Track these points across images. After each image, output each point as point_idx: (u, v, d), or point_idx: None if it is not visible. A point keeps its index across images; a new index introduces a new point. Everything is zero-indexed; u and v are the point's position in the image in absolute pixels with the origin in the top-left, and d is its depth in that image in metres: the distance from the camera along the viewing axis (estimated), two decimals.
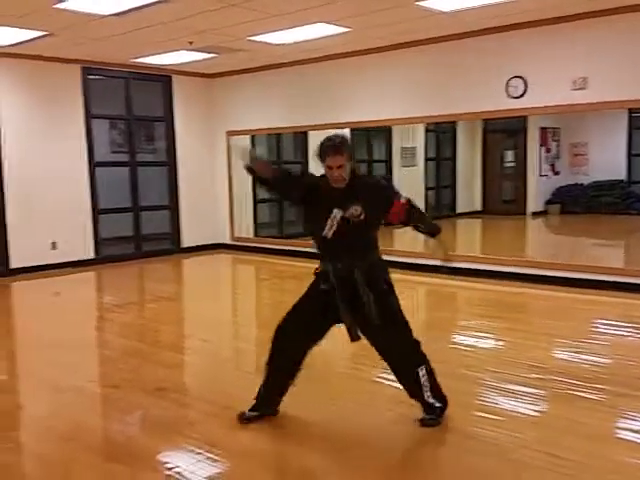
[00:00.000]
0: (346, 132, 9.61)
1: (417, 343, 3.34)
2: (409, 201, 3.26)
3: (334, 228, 3.15)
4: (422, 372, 3.29)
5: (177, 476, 2.86)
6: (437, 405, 3.35)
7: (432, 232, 3.36)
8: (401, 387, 3.44)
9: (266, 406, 3.47)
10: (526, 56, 6.88)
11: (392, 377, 3.58)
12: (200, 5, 5.90)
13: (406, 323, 3.30)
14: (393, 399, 3.65)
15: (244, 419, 3.43)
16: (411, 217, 3.28)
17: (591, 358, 4.43)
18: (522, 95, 6.92)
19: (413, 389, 3.35)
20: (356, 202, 3.13)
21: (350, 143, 3.27)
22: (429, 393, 3.31)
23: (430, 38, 7.45)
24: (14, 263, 8.19)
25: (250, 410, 3.46)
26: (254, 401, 3.46)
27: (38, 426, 3.57)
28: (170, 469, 2.94)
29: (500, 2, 6.00)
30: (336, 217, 3.14)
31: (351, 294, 3.19)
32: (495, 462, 2.95)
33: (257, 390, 3.46)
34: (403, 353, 3.32)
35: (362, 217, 3.13)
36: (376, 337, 3.28)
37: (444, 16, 6.48)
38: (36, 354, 4.98)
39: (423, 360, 3.32)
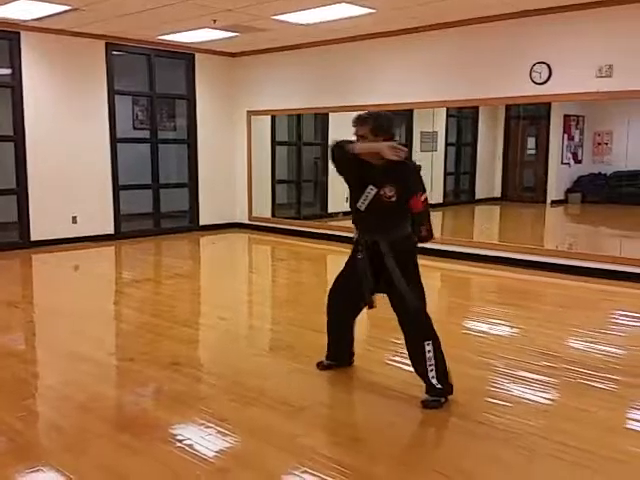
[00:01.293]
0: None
1: (428, 318, 3.42)
2: (425, 203, 3.37)
3: (367, 202, 3.36)
4: (428, 347, 3.36)
5: (188, 449, 2.91)
6: (438, 387, 3.37)
7: (422, 239, 3.46)
8: (412, 370, 3.48)
9: (338, 358, 3.88)
10: (551, 42, 6.77)
11: (403, 360, 3.60)
12: None
13: (422, 296, 3.42)
14: (402, 382, 3.68)
15: (322, 366, 3.87)
16: (417, 218, 3.41)
17: (605, 348, 4.41)
18: (546, 81, 6.83)
19: (418, 363, 3.42)
20: (391, 183, 3.29)
21: (384, 121, 3.36)
22: (433, 373, 3.36)
23: (454, 21, 7.37)
24: (35, 235, 8.31)
25: (326, 358, 3.89)
26: (327, 351, 3.89)
27: (53, 395, 3.64)
28: (181, 441, 2.99)
29: None
30: (370, 193, 3.33)
31: (376, 263, 3.39)
32: (503, 448, 2.97)
33: (328, 344, 3.89)
34: (413, 322, 3.42)
35: (393, 199, 3.31)
36: (396, 303, 3.43)
37: None
38: (54, 325, 5.07)
39: (431, 336, 3.39)
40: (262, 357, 4.33)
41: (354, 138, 3.37)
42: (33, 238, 8.30)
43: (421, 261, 3.49)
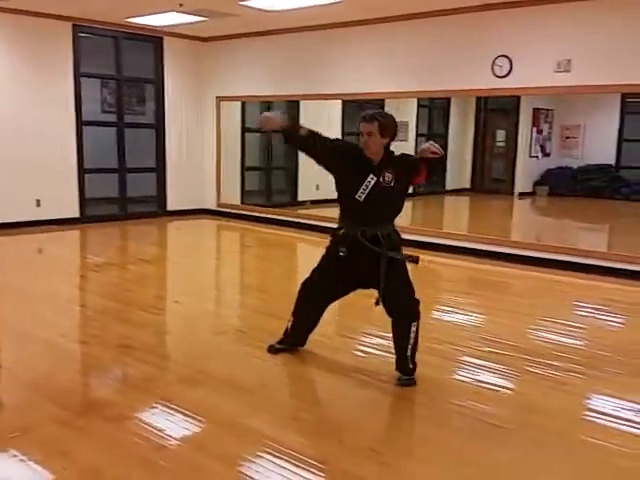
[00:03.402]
0: (337, 104, 9.63)
1: (417, 302, 3.60)
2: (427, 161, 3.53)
3: (366, 192, 3.46)
4: (413, 328, 3.55)
5: (133, 428, 2.96)
6: (410, 366, 3.57)
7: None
8: (360, 355, 3.56)
9: (293, 343, 3.96)
10: (512, 35, 6.87)
11: (355, 346, 3.66)
12: None
13: (411, 282, 3.61)
14: (350, 367, 3.76)
15: (273, 349, 3.95)
16: (433, 170, 3.63)
17: (553, 337, 4.53)
18: (507, 75, 6.93)
19: (400, 342, 3.58)
20: (389, 171, 3.46)
21: (390, 122, 3.51)
22: (410, 352, 3.56)
23: (422, 12, 7.41)
24: None
25: (278, 343, 3.96)
26: (282, 336, 3.95)
27: (1, 374, 3.66)
28: (126, 421, 3.03)
29: None
30: (370, 182, 3.45)
31: (374, 256, 3.47)
32: (430, 427, 3.10)
33: (284, 329, 3.94)
34: (405, 309, 3.58)
35: (392, 184, 3.46)
36: (389, 293, 3.54)
37: None
38: (12, 306, 5.07)
39: (417, 318, 3.58)
40: (215, 341, 4.37)
41: (361, 135, 3.49)
42: None
43: None
